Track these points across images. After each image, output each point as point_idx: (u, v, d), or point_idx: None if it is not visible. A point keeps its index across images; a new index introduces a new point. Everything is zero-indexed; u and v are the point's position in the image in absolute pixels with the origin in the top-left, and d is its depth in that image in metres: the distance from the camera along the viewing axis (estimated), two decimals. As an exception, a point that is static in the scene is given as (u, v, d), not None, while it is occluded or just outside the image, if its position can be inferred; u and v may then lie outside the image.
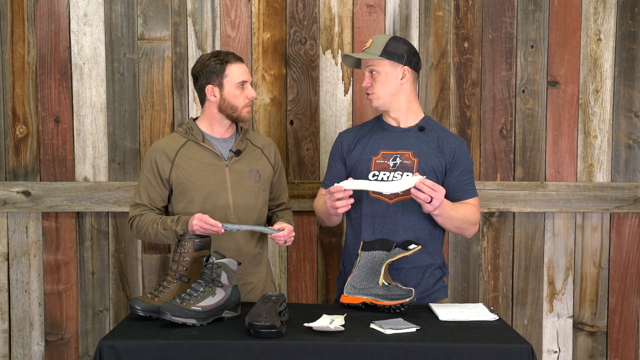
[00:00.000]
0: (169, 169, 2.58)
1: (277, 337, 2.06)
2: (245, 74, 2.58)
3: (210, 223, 2.40)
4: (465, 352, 2.03)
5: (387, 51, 2.53)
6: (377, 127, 2.65)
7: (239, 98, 2.58)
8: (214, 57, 2.57)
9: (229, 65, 2.56)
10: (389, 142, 2.59)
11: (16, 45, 3.10)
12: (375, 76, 2.55)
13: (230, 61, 2.56)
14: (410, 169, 2.52)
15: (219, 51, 2.61)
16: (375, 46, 2.55)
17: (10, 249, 3.16)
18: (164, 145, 2.61)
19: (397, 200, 2.52)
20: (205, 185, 2.57)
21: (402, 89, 2.57)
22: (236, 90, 2.57)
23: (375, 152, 2.58)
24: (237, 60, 2.58)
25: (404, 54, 2.55)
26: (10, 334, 3.19)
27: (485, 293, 3.21)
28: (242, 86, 2.57)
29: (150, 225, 2.54)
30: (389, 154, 2.56)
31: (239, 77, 2.56)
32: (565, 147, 3.17)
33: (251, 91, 2.59)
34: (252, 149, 2.68)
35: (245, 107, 2.59)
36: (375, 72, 2.55)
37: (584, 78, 3.16)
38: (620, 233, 3.21)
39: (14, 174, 3.13)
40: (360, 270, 2.43)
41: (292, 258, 3.19)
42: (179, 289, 2.32)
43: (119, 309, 3.18)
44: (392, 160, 2.55)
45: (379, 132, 2.63)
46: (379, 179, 2.54)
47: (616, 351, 3.23)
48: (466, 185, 2.57)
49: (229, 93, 2.57)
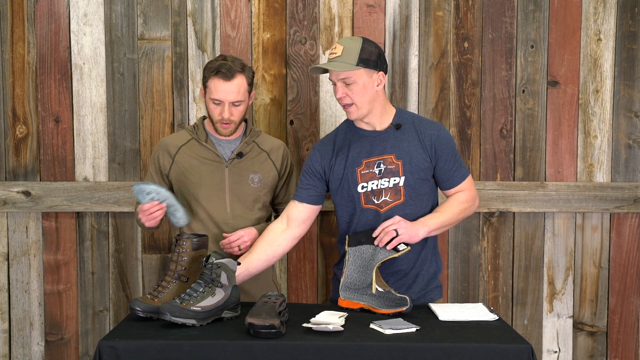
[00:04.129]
0: (169, 165, 2.60)
1: (277, 337, 2.06)
2: (221, 94, 2.50)
3: (144, 208, 2.43)
4: (465, 352, 2.02)
5: (363, 59, 2.37)
6: (351, 134, 2.52)
7: (213, 112, 2.56)
8: (212, 63, 2.55)
9: (212, 79, 2.52)
10: (368, 148, 2.49)
11: (16, 45, 3.10)
12: (351, 87, 2.38)
13: (217, 75, 2.51)
14: (396, 174, 2.46)
15: (223, 58, 2.55)
16: (349, 54, 2.36)
17: (10, 249, 3.16)
18: (168, 142, 2.65)
19: (388, 209, 2.47)
20: (202, 184, 2.57)
21: (377, 95, 2.44)
22: (210, 104, 2.55)
23: (358, 162, 2.48)
24: (224, 77, 2.50)
25: (377, 59, 2.40)
26: (10, 334, 3.19)
27: (485, 293, 3.21)
28: (217, 103, 2.53)
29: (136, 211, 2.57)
30: (371, 161, 2.48)
31: (215, 94, 2.52)
32: (565, 147, 3.17)
33: (225, 112, 2.52)
34: (258, 152, 2.67)
35: (217, 122, 2.55)
36: (352, 82, 2.38)
37: (584, 78, 3.16)
38: (620, 233, 3.21)
39: (14, 174, 3.13)
40: (351, 270, 2.40)
41: (292, 258, 3.19)
42: (178, 289, 2.31)
43: (119, 309, 3.18)
44: (376, 167, 2.47)
45: (356, 141, 2.50)
46: (368, 189, 2.47)
47: (616, 351, 3.23)
48: (454, 171, 2.51)
49: (207, 103, 2.57)
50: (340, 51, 2.38)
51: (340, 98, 2.41)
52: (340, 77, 2.39)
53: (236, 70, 2.51)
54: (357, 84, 2.38)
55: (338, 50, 2.39)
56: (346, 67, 2.36)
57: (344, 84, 2.39)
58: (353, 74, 2.37)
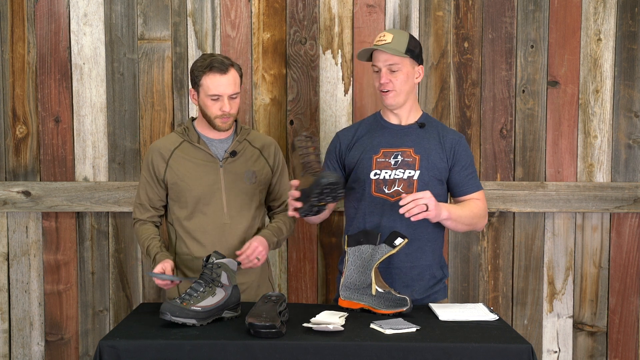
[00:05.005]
0: (163, 170, 2.59)
1: (277, 337, 2.06)
2: (220, 87, 2.50)
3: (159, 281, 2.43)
4: (465, 352, 2.03)
5: (410, 49, 2.50)
6: (375, 125, 2.63)
7: (210, 109, 2.54)
8: (201, 61, 2.53)
9: (206, 74, 2.50)
10: (389, 140, 2.57)
11: (16, 45, 3.10)
12: (396, 74, 2.50)
13: (211, 70, 2.50)
14: (412, 167, 2.51)
15: (211, 55, 2.55)
16: (398, 43, 2.49)
17: (10, 249, 3.16)
18: (160, 146, 2.63)
19: (398, 199, 2.50)
20: (198, 186, 2.57)
21: (414, 88, 2.57)
22: (207, 101, 2.53)
23: (376, 150, 2.56)
24: (219, 71, 2.50)
25: (420, 54, 2.55)
26: (10, 334, 3.19)
27: (485, 293, 3.21)
28: (215, 98, 2.52)
29: (141, 242, 2.62)
30: (389, 151, 2.55)
31: (213, 89, 2.50)
32: (565, 147, 3.17)
33: (225, 105, 2.51)
34: (250, 150, 2.67)
35: (217, 118, 2.54)
36: (398, 69, 2.49)
37: (584, 78, 3.16)
38: (620, 233, 3.21)
39: (14, 174, 3.13)
40: (351, 270, 2.41)
41: (292, 258, 3.19)
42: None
43: (119, 309, 3.18)
44: (393, 158, 2.54)
45: (378, 131, 2.60)
46: (380, 177, 2.53)
47: (616, 351, 3.23)
48: (469, 179, 2.57)
49: (202, 101, 2.55)
50: (390, 39, 2.49)
51: (383, 83, 2.50)
52: (388, 62, 2.49)
53: (228, 64, 2.53)
54: (402, 72, 2.50)
55: (388, 38, 2.50)
56: (397, 53, 2.47)
57: (389, 70, 2.50)
58: (401, 60, 2.49)
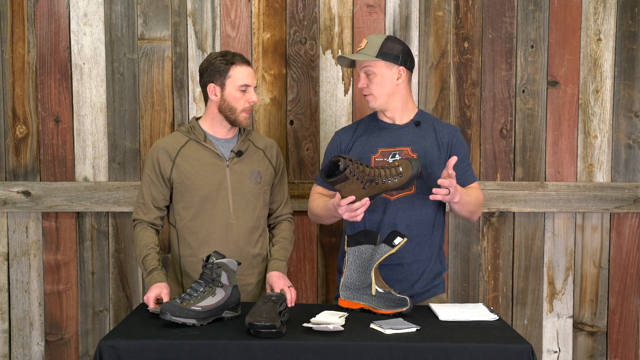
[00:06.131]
0: (170, 168, 2.59)
1: (277, 337, 2.06)
2: (249, 78, 2.56)
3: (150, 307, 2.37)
4: (465, 352, 2.03)
5: (383, 52, 2.53)
6: (373, 126, 2.66)
7: (239, 101, 2.56)
8: (221, 57, 2.56)
9: (234, 66, 2.55)
10: (387, 139, 2.60)
11: (16, 45, 3.10)
12: (371, 77, 2.55)
13: (236, 62, 2.55)
14: None
15: (227, 51, 2.60)
16: (371, 47, 2.54)
17: (10, 249, 3.16)
18: (166, 144, 2.61)
19: (398, 197, 2.54)
20: (205, 185, 2.57)
21: (397, 89, 2.57)
22: (237, 93, 2.55)
23: (374, 150, 2.59)
24: (244, 62, 2.57)
25: (399, 54, 2.55)
26: (10, 334, 3.19)
27: (485, 293, 3.21)
28: (244, 89, 2.56)
29: (139, 248, 2.61)
30: (387, 151, 2.57)
31: (242, 80, 2.55)
32: (565, 147, 3.17)
33: (253, 95, 2.57)
34: (254, 150, 2.67)
35: (243, 111, 2.57)
36: (371, 73, 2.54)
37: (584, 78, 3.16)
38: (620, 233, 3.21)
39: (14, 174, 3.13)
40: (351, 270, 2.41)
41: (292, 258, 3.19)
42: None
43: (119, 309, 3.18)
44: (391, 157, 2.56)
45: (376, 131, 2.63)
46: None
47: (616, 351, 3.23)
48: (466, 171, 2.61)
49: (229, 94, 2.56)
50: (364, 44, 2.57)
51: (360, 87, 2.58)
52: (362, 66, 2.56)
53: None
54: (376, 75, 2.54)
55: (363, 44, 2.58)
56: (365, 57, 2.53)
57: (365, 74, 2.56)
58: (373, 64, 2.53)
